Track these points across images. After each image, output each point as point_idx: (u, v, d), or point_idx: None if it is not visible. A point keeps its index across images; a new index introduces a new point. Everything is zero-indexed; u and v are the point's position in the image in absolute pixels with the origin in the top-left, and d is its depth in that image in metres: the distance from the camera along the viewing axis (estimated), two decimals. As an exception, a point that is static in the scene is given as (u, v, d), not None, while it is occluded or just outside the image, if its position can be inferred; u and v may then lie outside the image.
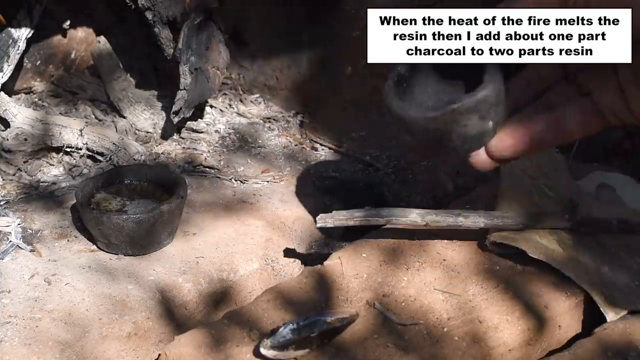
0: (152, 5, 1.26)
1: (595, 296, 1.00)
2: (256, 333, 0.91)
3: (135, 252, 1.06)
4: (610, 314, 0.99)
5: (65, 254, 1.07)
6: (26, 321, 0.95)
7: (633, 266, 1.05)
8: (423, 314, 0.96)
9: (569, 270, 1.01)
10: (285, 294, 0.98)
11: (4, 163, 1.25)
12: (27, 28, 1.29)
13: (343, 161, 1.34)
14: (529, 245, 1.03)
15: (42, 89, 1.39)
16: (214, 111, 1.42)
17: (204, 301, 1.04)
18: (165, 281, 1.03)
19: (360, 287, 0.99)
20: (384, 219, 1.05)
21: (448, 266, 1.03)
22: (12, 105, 1.29)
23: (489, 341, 0.94)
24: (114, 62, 1.41)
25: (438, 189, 1.27)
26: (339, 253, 1.05)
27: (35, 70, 1.38)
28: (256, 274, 1.08)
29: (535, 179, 1.14)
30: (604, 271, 1.03)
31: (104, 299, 0.99)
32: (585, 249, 1.05)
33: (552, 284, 1.01)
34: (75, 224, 1.12)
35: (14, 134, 1.26)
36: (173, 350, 0.90)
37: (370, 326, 0.94)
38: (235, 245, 1.10)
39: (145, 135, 1.34)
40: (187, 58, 1.29)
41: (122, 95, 1.37)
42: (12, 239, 1.08)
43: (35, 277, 1.02)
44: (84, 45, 1.41)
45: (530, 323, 0.96)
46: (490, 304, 0.98)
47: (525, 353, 0.96)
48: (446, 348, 0.92)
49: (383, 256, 1.04)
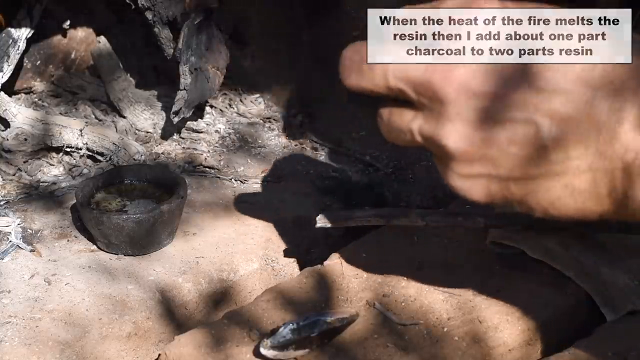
0: (152, 5, 1.26)
1: (595, 296, 1.00)
2: (256, 333, 0.91)
3: (135, 252, 1.06)
4: (610, 314, 0.99)
5: (65, 254, 1.07)
6: (26, 321, 0.95)
7: (633, 266, 1.05)
8: (423, 314, 0.96)
9: (569, 270, 1.01)
10: (285, 294, 0.98)
11: (4, 163, 1.25)
12: (27, 28, 1.29)
13: (343, 161, 1.34)
14: (529, 245, 1.03)
15: (42, 89, 1.39)
16: (214, 111, 1.42)
17: (204, 301, 1.04)
18: (165, 281, 1.03)
19: (360, 287, 0.99)
20: (384, 219, 1.05)
21: (448, 266, 1.03)
22: (12, 105, 1.29)
23: (489, 341, 0.94)
24: (114, 62, 1.41)
25: (438, 189, 1.27)
26: (339, 253, 1.05)
27: (35, 70, 1.38)
28: (256, 274, 1.08)
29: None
30: (604, 271, 1.03)
31: (104, 299, 0.99)
32: (585, 249, 1.05)
33: (552, 284, 1.01)
34: (75, 224, 1.12)
35: (14, 134, 1.26)
36: (173, 350, 0.90)
37: (370, 326, 0.94)
38: (235, 245, 1.10)
39: (145, 135, 1.34)
40: (187, 58, 1.29)
41: (122, 95, 1.37)
42: (12, 239, 1.08)
43: (35, 277, 1.02)
44: (84, 45, 1.41)
45: (530, 323, 0.96)
46: (490, 304, 0.98)
47: (525, 353, 0.96)
48: (446, 348, 0.92)
49: (383, 256, 1.04)
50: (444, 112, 0.66)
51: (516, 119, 0.65)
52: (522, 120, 0.65)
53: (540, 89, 0.65)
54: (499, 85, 0.65)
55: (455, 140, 0.66)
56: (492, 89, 0.65)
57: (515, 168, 0.66)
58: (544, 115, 0.64)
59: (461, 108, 0.66)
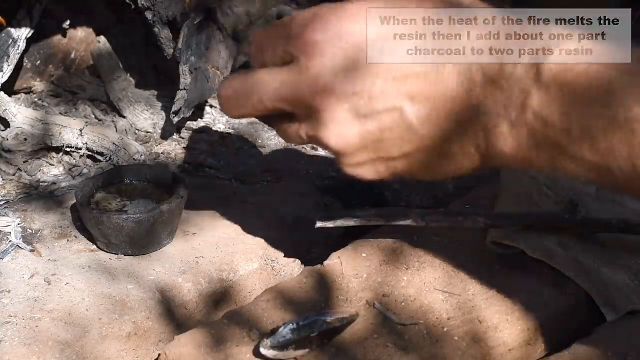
0: (152, 5, 1.26)
1: (595, 296, 1.00)
2: (256, 333, 0.91)
3: (135, 252, 1.06)
4: (610, 314, 0.99)
5: (65, 254, 1.07)
6: (26, 321, 0.95)
7: (633, 266, 1.05)
8: (423, 314, 0.96)
9: (569, 270, 1.01)
10: (285, 294, 0.98)
11: (4, 163, 1.25)
12: (27, 28, 1.29)
13: (343, 161, 1.33)
14: (529, 245, 1.03)
15: (42, 89, 1.39)
16: (214, 111, 1.42)
17: (204, 301, 1.04)
18: (165, 281, 1.03)
19: (360, 287, 0.99)
20: (384, 219, 1.05)
21: (448, 266, 1.03)
22: (12, 105, 1.29)
23: (489, 341, 0.94)
24: (114, 62, 1.41)
25: (438, 189, 1.27)
26: (339, 253, 1.05)
27: (35, 70, 1.38)
28: (256, 274, 1.08)
29: (534, 178, 1.14)
30: (604, 271, 1.03)
31: (104, 299, 0.99)
32: (585, 249, 1.05)
33: (552, 284, 1.01)
34: (75, 224, 1.12)
35: (14, 134, 1.26)
36: (173, 350, 0.90)
37: (370, 326, 0.94)
38: (235, 245, 1.10)
39: (145, 135, 1.34)
40: (187, 58, 1.29)
41: (122, 95, 1.37)
42: (12, 239, 1.08)
43: (35, 277, 1.02)
44: (84, 45, 1.41)
45: (530, 323, 0.96)
46: (490, 304, 0.98)
47: (525, 353, 0.96)
48: (446, 348, 0.92)
49: (383, 256, 1.04)
50: (320, 119, 0.74)
51: (381, 109, 0.72)
52: (387, 109, 0.72)
53: (395, 78, 0.71)
54: (358, 84, 0.72)
55: (336, 141, 0.74)
56: (353, 89, 0.72)
57: (393, 149, 0.74)
58: (405, 98, 0.71)
59: (333, 113, 0.73)
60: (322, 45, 0.73)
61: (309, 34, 0.73)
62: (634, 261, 1.06)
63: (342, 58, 0.72)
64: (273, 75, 0.76)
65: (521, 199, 1.11)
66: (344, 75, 0.73)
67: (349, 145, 0.75)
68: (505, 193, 1.12)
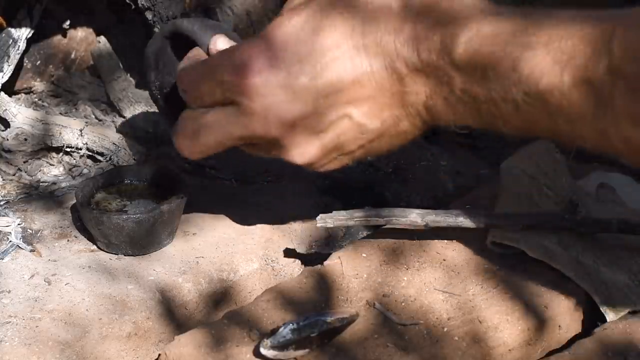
0: (152, 5, 1.26)
1: (595, 296, 1.00)
2: (256, 333, 0.91)
3: (135, 252, 1.06)
4: (610, 314, 0.99)
5: (65, 254, 1.07)
6: (26, 321, 0.95)
7: (633, 266, 1.05)
8: (423, 314, 0.96)
9: (569, 270, 1.01)
10: (285, 294, 0.98)
11: (4, 163, 1.25)
12: (27, 28, 1.29)
13: (343, 161, 1.33)
14: (529, 245, 1.03)
15: (42, 89, 1.39)
16: (214, 111, 1.42)
17: (204, 301, 1.04)
18: (165, 281, 1.03)
19: (360, 287, 0.99)
20: (383, 219, 1.05)
21: (448, 266, 1.03)
22: (12, 105, 1.29)
23: (489, 341, 0.94)
24: (114, 62, 1.41)
25: (438, 189, 1.27)
26: (339, 253, 1.05)
27: (35, 70, 1.38)
28: (256, 274, 1.08)
29: (534, 178, 1.14)
30: (604, 271, 1.03)
31: (104, 299, 0.99)
32: (585, 249, 1.05)
33: (552, 284, 1.01)
34: (75, 224, 1.12)
35: (14, 134, 1.26)
36: (173, 350, 0.90)
37: (370, 326, 0.94)
38: (235, 245, 1.10)
39: (146, 135, 1.34)
40: (187, 58, 1.29)
41: (122, 95, 1.37)
42: (12, 239, 1.08)
43: (35, 277, 1.02)
44: (84, 45, 1.41)
45: (530, 323, 0.96)
46: (490, 304, 0.98)
47: (525, 353, 0.96)
48: (446, 348, 0.92)
49: (383, 256, 1.04)
50: (280, 145, 0.86)
51: (333, 119, 0.82)
52: (338, 117, 0.82)
53: (335, 90, 0.80)
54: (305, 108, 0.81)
55: (300, 159, 0.87)
56: (301, 114, 0.82)
57: (352, 146, 0.85)
58: (349, 104, 0.81)
59: (291, 138, 0.84)
60: (259, 87, 0.81)
61: (244, 81, 0.81)
62: (634, 261, 1.06)
63: (281, 91, 0.80)
64: (223, 118, 0.85)
65: (521, 199, 1.11)
66: (288, 105, 0.81)
67: (313, 158, 0.86)
68: (505, 193, 1.12)
